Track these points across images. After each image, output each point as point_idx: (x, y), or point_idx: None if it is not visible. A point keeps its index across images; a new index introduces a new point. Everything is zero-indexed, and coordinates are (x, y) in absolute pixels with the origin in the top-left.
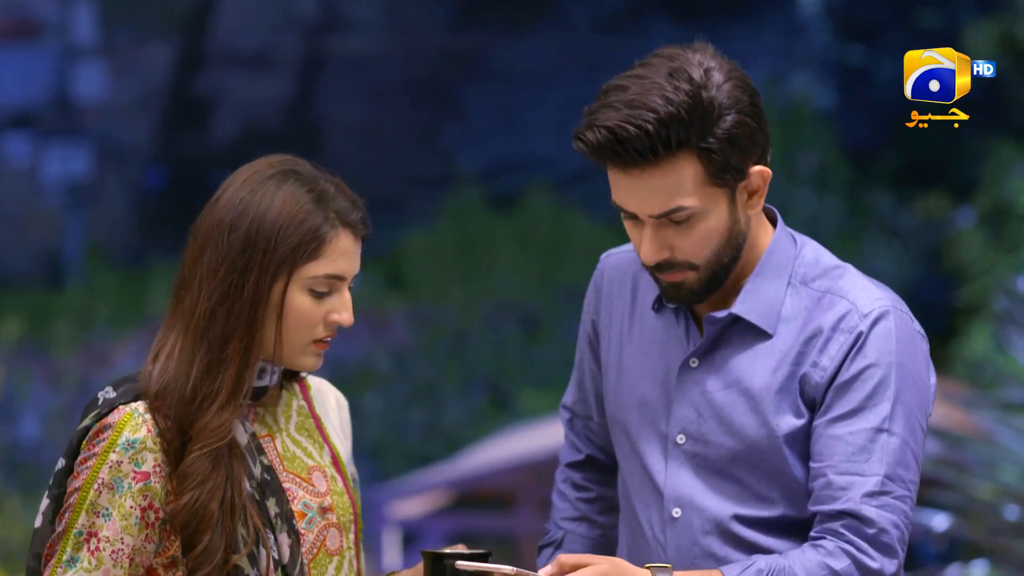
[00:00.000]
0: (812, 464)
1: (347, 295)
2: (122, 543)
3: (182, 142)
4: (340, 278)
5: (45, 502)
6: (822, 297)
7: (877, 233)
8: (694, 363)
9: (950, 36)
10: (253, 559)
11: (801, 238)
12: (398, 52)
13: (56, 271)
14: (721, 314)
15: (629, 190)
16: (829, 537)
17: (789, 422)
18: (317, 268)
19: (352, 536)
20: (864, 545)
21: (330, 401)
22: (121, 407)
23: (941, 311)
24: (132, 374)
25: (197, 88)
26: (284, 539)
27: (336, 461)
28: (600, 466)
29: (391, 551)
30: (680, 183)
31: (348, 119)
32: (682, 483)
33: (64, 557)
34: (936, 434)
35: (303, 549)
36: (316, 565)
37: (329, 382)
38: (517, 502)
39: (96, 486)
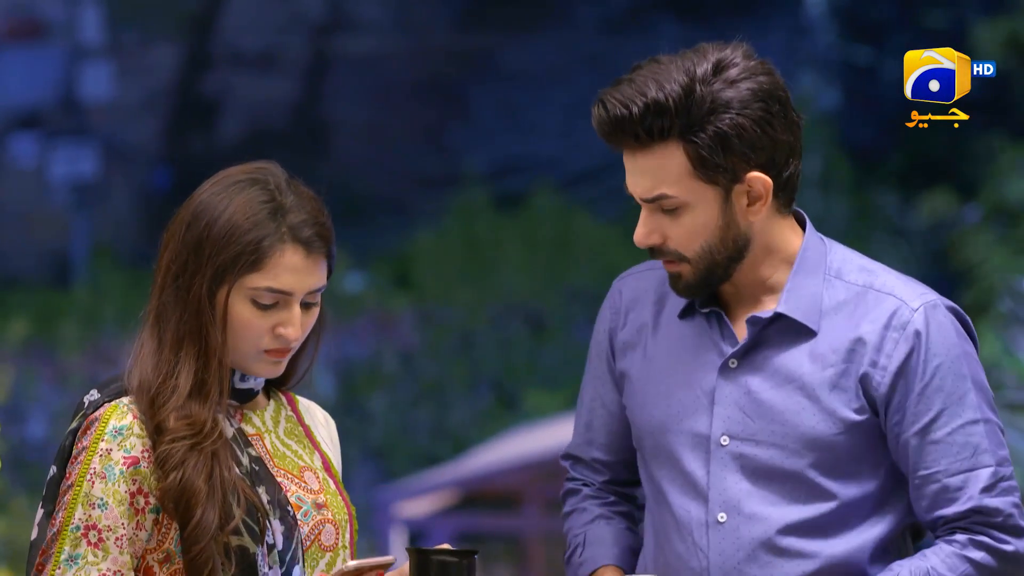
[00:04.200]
0: (919, 474)
1: (296, 310)
2: (124, 528)
3: (189, 142)
4: (285, 293)
5: (40, 512)
6: (864, 293)
7: (883, 234)
8: (733, 364)
9: (956, 36)
10: (256, 538)
11: (827, 240)
12: (404, 52)
13: (63, 271)
14: (766, 314)
15: (627, 170)
16: (959, 532)
17: (851, 417)
18: (259, 280)
19: (348, 536)
20: (996, 533)
21: (318, 416)
22: (106, 403)
23: None
24: (115, 375)
25: (204, 88)
26: (278, 525)
27: (328, 466)
28: (610, 488)
29: (398, 551)
30: (665, 171)
31: (354, 119)
32: (729, 486)
33: (62, 557)
34: None
35: (301, 537)
36: (309, 557)
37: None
38: (523, 502)
39: (88, 477)
